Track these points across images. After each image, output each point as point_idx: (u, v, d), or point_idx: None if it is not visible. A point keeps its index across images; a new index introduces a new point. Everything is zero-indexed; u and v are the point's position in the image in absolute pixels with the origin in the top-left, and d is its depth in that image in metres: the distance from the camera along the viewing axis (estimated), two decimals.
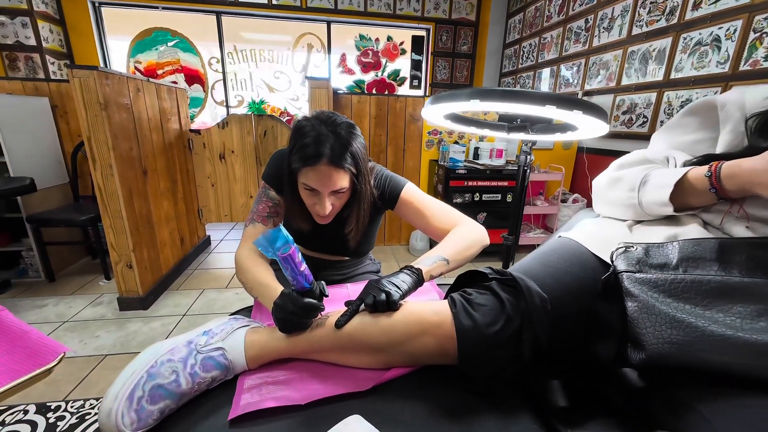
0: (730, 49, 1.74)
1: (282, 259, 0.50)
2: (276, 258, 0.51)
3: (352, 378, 0.53)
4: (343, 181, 0.69)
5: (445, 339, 0.50)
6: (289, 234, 0.52)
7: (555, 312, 0.50)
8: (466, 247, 0.71)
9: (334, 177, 0.68)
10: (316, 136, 0.67)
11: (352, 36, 4.16)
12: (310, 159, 0.66)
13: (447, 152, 2.46)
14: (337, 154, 0.66)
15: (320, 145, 0.66)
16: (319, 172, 0.67)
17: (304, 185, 0.70)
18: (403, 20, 4.04)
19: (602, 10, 2.54)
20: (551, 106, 0.64)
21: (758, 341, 0.36)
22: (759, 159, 0.44)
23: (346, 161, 0.68)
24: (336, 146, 0.67)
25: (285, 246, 0.50)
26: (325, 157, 0.66)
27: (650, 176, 0.56)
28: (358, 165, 0.70)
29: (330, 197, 0.71)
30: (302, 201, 0.76)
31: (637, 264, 0.49)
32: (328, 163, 0.66)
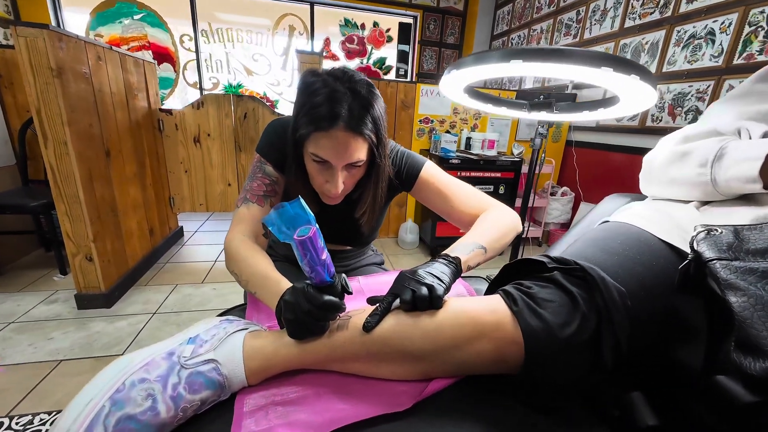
0: (724, 42, 1.74)
1: (299, 243, 0.38)
2: (291, 242, 0.39)
3: (385, 393, 0.42)
4: (360, 152, 0.57)
5: (506, 343, 0.40)
6: (309, 210, 0.40)
7: (632, 308, 0.41)
8: (503, 234, 0.61)
9: (351, 146, 0.56)
10: (330, 93, 0.54)
11: (336, 20, 3.98)
12: (324, 121, 0.54)
13: (439, 141, 2.37)
14: (356, 116, 0.54)
15: (336, 104, 0.53)
16: (333, 138, 0.55)
17: (314, 156, 0.57)
18: (390, 6, 3.90)
19: (594, 1, 2.52)
20: (608, 68, 0.54)
21: None
22: None
23: (367, 126, 0.56)
24: (355, 107, 0.55)
25: (305, 226, 0.38)
26: (341, 120, 0.54)
27: (728, 148, 0.49)
28: (379, 133, 0.59)
29: (343, 172, 0.59)
30: (307, 178, 0.63)
31: (729, 250, 0.41)
32: (346, 128, 0.54)
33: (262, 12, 3.71)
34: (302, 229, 0.38)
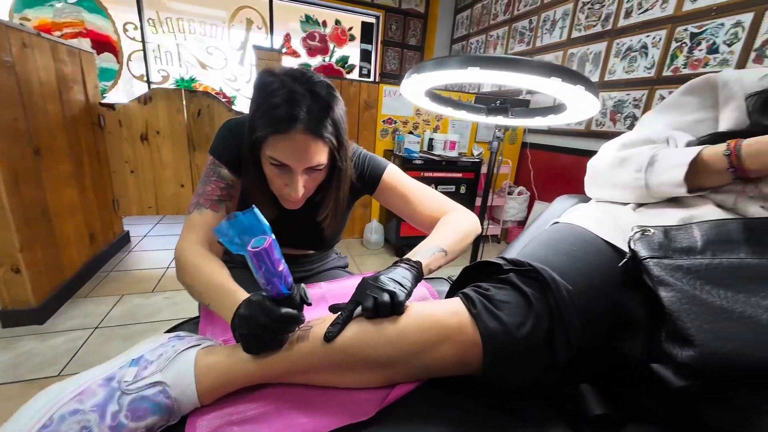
0: (655, 55, 1.92)
1: (254, 254, 0.36)
2: (245, 253, 0.36)
3: (349, 403, 0.41)
4: (321, 155, 0.56)
5: (468, 346, 0.41)
6: (264, 219, 0.38)
7: (581, 305, 0.44)
8: (463, 236, 0.63)
9: (311, 149, 0.54)
10: (289, 94, 0.52)
11: (297, 16, 3.88)
12: (282, 123, 0.51)
13: (402, 142, 2.40)
14: (316, 119, 0.53)
15: (294, 106, 0.51)
16: (292, 141, 0.53)
17: (272, 159, 0.55)
18: (352, 4, 3.88)
19: (545, 12, 2.68)
20: (557, 78, 0.58)
21: None
22: None
23: (327, 129, 0.54)
24: (314, 109, 0.53)
25: (261, 237, 0.36)
26: (300, 123, 0.52)
27: (658, 156, 0.53)
28: (339, 136, 0.57)
29: (303, 176, 0.57)
30: (265, 181, 0.61)
31: (660, 249, 0.45)
32: (305, 130, 0.52)
33: (216, 2, 3.52)
34: (257, 240, 0.36)
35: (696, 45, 1.74)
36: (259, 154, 0.57)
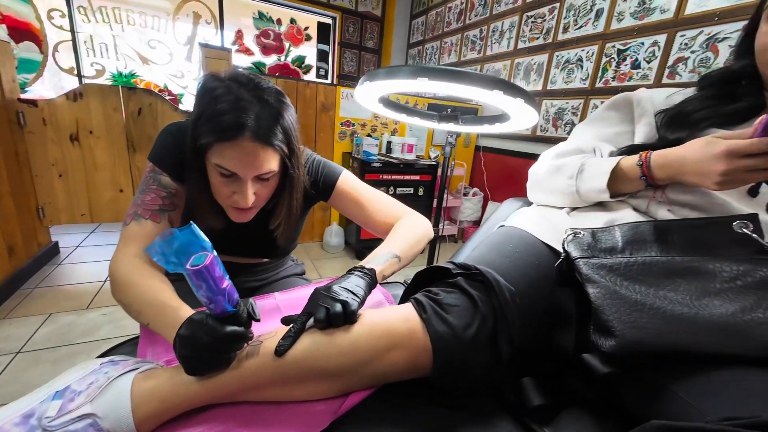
0: (589, 68, 2.11)
1: (193, 273, 0.34)
2: (183, 272, 0.34)
3: (303, 415, 0.41)
4: (271, 162, 0.54)
5: (418, 351, 0.42)
6: (204, 235, 0.36)
7: (522, 304, 0.48)
8: (416, 241, 0.65)
9: (260, 157, 0.52)
10: (235, 101, 0.50)
11: (249, 12, 3.73)
12: (228, 131, 0.49)
13: (360, 145, 2.40)
14: (264, 126, 0.51)
15: (242, 113, 0.50)
16: (240, 149, 0.51)
17: (219, 167, 0.52)
18: (307, 3, 3.81)
19: (494, 23, 2.83)
20: (498, 91, 0.62)
21: (712, 316, 0.39)
22: (684, 150, 0.49)
23: (277, 137, 0.53)
24: (263, 116, 0.51)
25: (201, 254, 0.34)
26: (248, 130, 0.50)
27: (586, 165, 0.59)
28: (290, 143, 0.56)
29: (254, 184, 0.55)
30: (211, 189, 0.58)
31: (588, 249, 0.50)
32: (253, 138, 0.51)
33: None
34: (197, 258, 0.34)
35: (622, 60, 1.94)
36: (204, 162, 0.54)
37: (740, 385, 0.34)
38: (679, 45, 1.69)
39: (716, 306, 0.40)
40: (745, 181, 0.43)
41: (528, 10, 2.51)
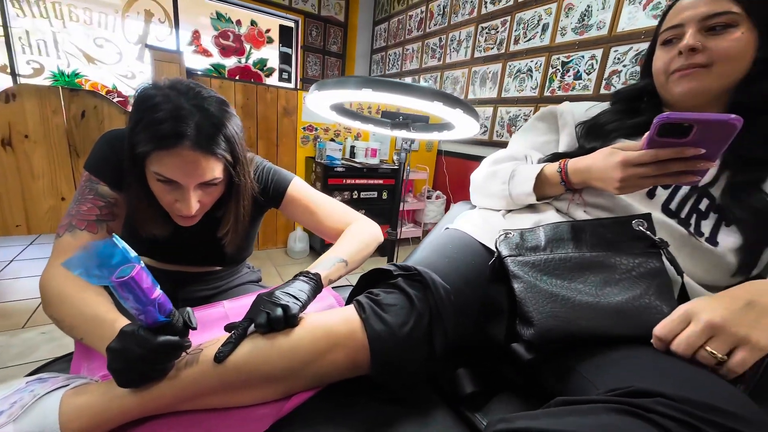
0: (538, 78, 2.26)
1: (119, 285, 0.34)
2: (109, 284, 0.34)
3: (245, 420, 0.41)
4: (214, 170, 0.54)
5: (357, 349, 0.44)
6: (128, 247, 0.36)
7: (457, 301, 0.51)
8: (364, 245, 0.67)
9: (201, 165, 0.52)
10: (174, 109, 0.50)
11: (207, 11, 3.61)
12: (166, 139, 0.49)
13: (324, 149, 2.41)
14: (205, 135, 0.51)
15: (180, 122, 0.49)
16: (179, 157, 0.50)
17: (158, 176, 0.52)
18: (268, 6, 3.75)
19: (452, 32, 2.95)
20: (439, 102, 0.66)
21: (610, 303, 0.45)
22: (591, 158, 0.55)
23: (219, 146, 0.53)
24: (204, 125, 0.52)
25: (126, 265, 0.34)
26: (188, 139, 0.50)
27: (516, 171, 0.65)
28: (234, 152, 0.57)
29: (197, 191, 0.55)
30: (154, 197, 0.57)
31: (516, 248, 0.55)
32: (194, 147, 0.51)
33: None
34: (123, 269, 0.34)
35: (566, 72, 2.09)
36: (143, 169, 0.53)
37: (627, 362, 0.39)
38: (613, 59, 1.86)
39: (615, 294, 0.45)
40: (640, 187, 0.50)
41: (482, 21, 2.65)
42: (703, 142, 0.41)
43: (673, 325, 0.39)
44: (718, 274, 0.53)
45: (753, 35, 0.52)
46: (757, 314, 0.36)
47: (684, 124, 0.41)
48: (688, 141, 0.41)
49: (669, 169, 0.45)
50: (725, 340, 0.35)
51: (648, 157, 0.45)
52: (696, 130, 0.40)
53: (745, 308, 0.36)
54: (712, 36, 0.53)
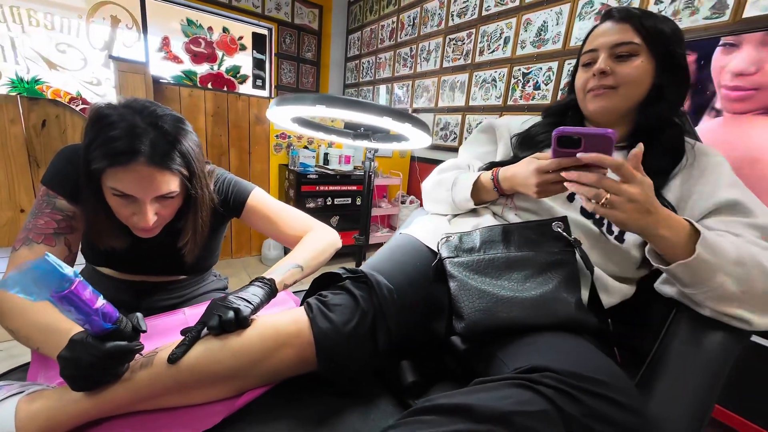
0: (501, 88, 2.38)
1: (59, 299, 0.36)
2: (50, 300, 0.36)
3: (196, 417, 0.45)
4: (170, 184, 0.57)
5: (305, 347, 0.48)
6: (63, 263, 0.37)
7: (401, 300, 0.56)
8: (320, 251, 0.71)
9: (157, 179, 0.55)
10: (129, 128, 0.52)
11: (177, 17, 3.57)
12: (121, 156, 0.51)
13: (297, 157, 2.43)
14: (159, 151, 0.54)
15: (135, 140, 0.52)
16: (135, 173, 0.53)
17: (114, 190, 0.54)
18: (241, 14, 3.75)
19: (422, 42, 3.05)
20: (388, 117, 0.72)
21: (527, 297, 0.51)
22: (516, 167, 0.62)
23: (174, 161, 0.56)
24: (159, 142, 0.54)
25: (62, 281, 0.36)
26: (143, 155, 0.52)
27: (458, 179, 0.71)
28: (190, 166, 0.60)
29: (154, 204, 0.58)
30: (111, 210, 0.59)
31: (455, 250, 0.61)
32: (149, 163, 0.53)
33: None
34: (61, 284, 0.36)
35: (527, 82, 2.22)
36: (99, 184, 0.56)
37: (534, 345, 0.46)
38: (567, 71, 1.99)
39: (532, 289, 0.52)
40: (553, 191, 0.56)
41: (450, 33, 2.76)
42: (592, 151, 0.48)
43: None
44: (626, 266, 0.61)
45: (651, 64, 0.60)
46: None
47: (574, 136, 0.48)
48: (581, 151, 0.49)
49: (570, 177, 0.52)
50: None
51: (553, 165, 0.52)
52: (584, 142, 0.48)
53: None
54: (619, 62, 0.61)
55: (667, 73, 0.61)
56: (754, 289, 0.46)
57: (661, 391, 0.46)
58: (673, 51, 0.60)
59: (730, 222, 0.55)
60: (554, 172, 0.53)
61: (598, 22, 0.66)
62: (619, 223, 0.47)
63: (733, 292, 0.47)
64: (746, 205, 0.55)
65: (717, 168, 0.59)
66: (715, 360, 0.46)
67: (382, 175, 2.94)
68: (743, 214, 0.55)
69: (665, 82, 0.61)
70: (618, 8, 0.63)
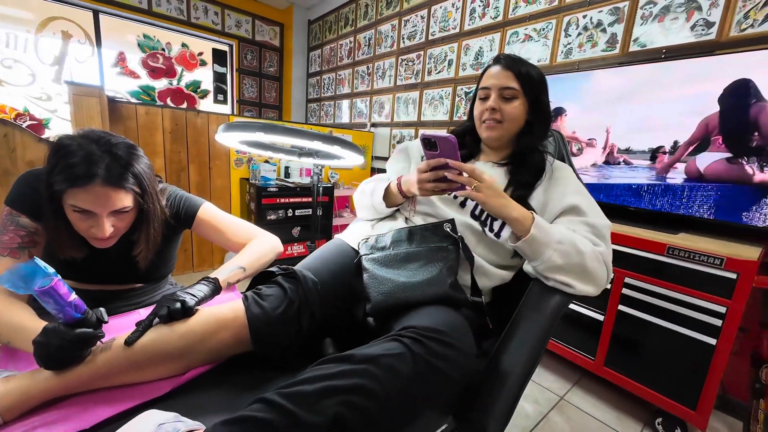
0: (447, 105, 2.62)
1: (41, 293, 0.46)
2: (33, 293, 0.47)
3: (148, 389, 0.55)
4: (124, 200, 0.67)
5: (240, 329, 0.61)
6: (47, 265, 0.48)
7: (324, 290, 0.70)
8: (262, 255, 0.83)
9: (112, 197, 0.65)
10: (86, 155, 0.62)
11: (133, 33, 3.55)
12: (80, 179, 0.61)
13: (258, 171, 2.51)
14: (115, 174, 0.64)
15: (92, 165, 0.62)
16: (92, 193, 0.63)
17: (74, 207, 0.64)
18: (199, 30, 3.79)
19: (378, 61, 3.26)
20: (318, 141, 0.86)
21: (417, 281, 0.66)
22: (409, 174, 0.78)
23: (128, 181, 0.66)
24: (114, 167, 0.64)
25: (46, 278, 0.47)
26: (99, 177, 0.62)
27: (375, 188, 0.87)
28: (142, 185, 0.70)
29: (110, 218, 0.67)
30: (70, 225, 0.68)
31: (370, 249, 0.76)
32: (104, 184, 0.63)
33: (17, 2, 2.95)
34: (43, 281, 0.47)
35: (468, 100, 2.46)
36: (60, 203, 0.65)
37: (416, 315, 0.60)
38: None
39: (421, 275, 0.68)
40: (431, 189, 0.71)
41: (402, 54, 2.99)
42: (445, 153, 0.66)
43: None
44: (503, 256, 0.78)
45: (525, 106, 0.79)
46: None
47: (432, 140, 0.65)
48: (439, 153, 0.66)
49: (438, 174, 0.68)
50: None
51: (425, 165, 0.70)
52: (439, 145, 0.66)
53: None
54: (505, 102, 0.79)
55: (535, 114, 0.80)
56: (572, 261, 0.65)
57: (514, 341, 0.64)
58: (541, 98, 0.80)
59: (572, 220, 0.73)
60: (428, 172, 0.69)
61: (491, 62, 0.84)
62: (482, 202, 0.67)
63: (559, 264, 0.65)
64: (582, 208, 0.74)
65: (565, 180, 0.79)
66: (549, 317, 0.64)
67: (343, 187, 3.07)
68: (581, 215, 0.74)
69: (534, 120, 0.80)
70: (504, 56, 0.82)
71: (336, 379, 0.47)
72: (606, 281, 0.67)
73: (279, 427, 0.42)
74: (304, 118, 4.49)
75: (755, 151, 1.20)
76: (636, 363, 1.32)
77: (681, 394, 1.21)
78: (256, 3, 4.10)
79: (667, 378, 1.25)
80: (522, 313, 0.68)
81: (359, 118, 3.52)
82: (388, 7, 3.09)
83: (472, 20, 2.40)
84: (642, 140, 1.48)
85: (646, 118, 1.47)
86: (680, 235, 1.31)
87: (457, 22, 2.49)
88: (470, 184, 0.66)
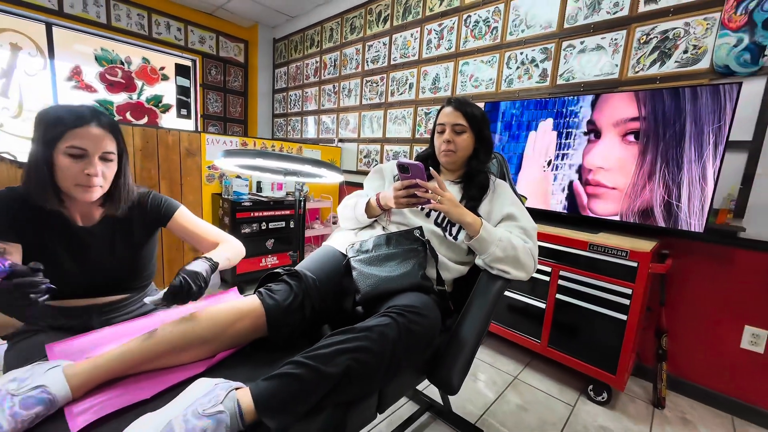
0: (410, 124, 2.88)
1: None
2: None
3: (186, 370, 0.69)
4: (111, 145, 0.78)
5: (257, 318, 0.76)
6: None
7: (321, 286, 0.87)
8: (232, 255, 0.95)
9: (104, 139, 0.76)
10: (76, 109, 0.74)
11: (90, 46, 3.46)
12: (77, 121, 0.72)
13: (230, 186, 2.59)
14: (105, 121, 0.77)
15: (84, 114, 0.74)
16: (89, 132, 0.74)
17: (70, 149, 0.72)
18: (161, 45, 3.78)
19: (343, 81, 3.47)
20: (308, 165, 1.04)
21: (396, 274, 0.86)
22: (386, 191, 0.99)
23: (114, 130, 0.79)
24: (102, 117, 0.77)
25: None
26: (94, 120, 0.75)
27: (357, 203, 1.07)
28: (120, 143, 0.82)
29: (99, 164, 0.76)
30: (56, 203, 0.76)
31: (357, 252, 0.95)
32: (98, 125, 0.75)
33: None
34: None
35: (428, 120, 2.74)
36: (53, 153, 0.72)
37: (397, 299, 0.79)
38: None
39: (401, 269, 0.87)
40: (406, 203, 0.92)
41: (366, 75, 3.23)
42: (415, 175, 0.87)
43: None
44: (459, 254, 1.01)
45: (472, 138, 1.03)
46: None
47: (405, 165, 0.87)
48: (411, 175, 0.88)
49: (410, 192, 0.89)
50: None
51: (399, 184, 0.91)
52: (411, 169, 0.87)
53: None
54: (457, 135, 1.02)
55: (480, 143, 1.04)
56: (509, 254, 0.88)
57: (468, 318, 0.85)
58: (483, 130, 1.04)
59: (509, 225, 0.98)
60: (402, 190, 0.90)
61: (444, 104, 1.07)
62: (445, 211, 0.89)
63: (500, 256, 0.88)
64: (516, 216, 0.99)
65: (504, 194, 1.03)
66: (493, 298, 0.87)
67: (313, 199, 3.21)
68: (515, 221, 0.98)
69: (480, 147, 1.04)
70: (455, 99, 1.05)
71: (345, 343, 0.65)
72: (533, 269, 0.92)
73: (306, 378, 0.59)
74: (271, 133, 4.57)
75: None
76: (572, 341, 1.61)
77: (604, 363, 1.50)
78: (220, 20, 4.16)
79: (594, 351, 1.54)
80: (474, 297, 0.90)
81: (326, 134, 3.69)
82: (352, 32, 3.33)
83: (428, 50, 2.70)
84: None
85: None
86: (600, 234, 1.64)
87: (416, 50, 2.78)
88: (435, 199, 0.87)
